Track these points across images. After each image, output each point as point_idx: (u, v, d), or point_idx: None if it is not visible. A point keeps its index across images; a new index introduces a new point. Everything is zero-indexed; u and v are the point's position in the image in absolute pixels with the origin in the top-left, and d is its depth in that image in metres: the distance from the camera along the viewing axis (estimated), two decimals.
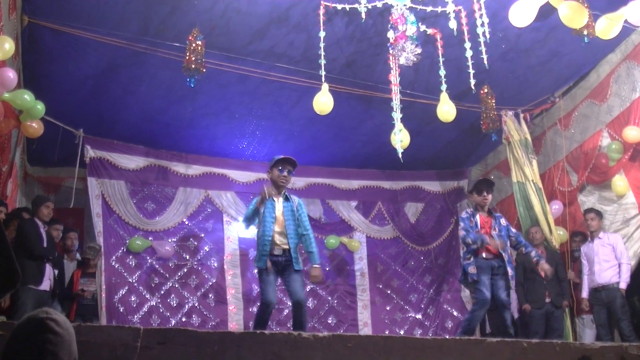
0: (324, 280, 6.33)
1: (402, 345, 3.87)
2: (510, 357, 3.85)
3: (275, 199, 6.18)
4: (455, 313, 10.54)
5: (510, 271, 6.63)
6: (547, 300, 8.09)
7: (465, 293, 10.56)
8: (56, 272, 7.80)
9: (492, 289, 6.55)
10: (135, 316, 8.83)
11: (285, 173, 6.22)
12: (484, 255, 6.59)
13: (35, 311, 2.04)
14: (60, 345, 1.96)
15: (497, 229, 6.74)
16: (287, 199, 6.25)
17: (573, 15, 6.17)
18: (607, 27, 6.45)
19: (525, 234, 8.59)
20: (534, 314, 8.14)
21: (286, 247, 6.03)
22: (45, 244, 7.28)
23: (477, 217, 6.77)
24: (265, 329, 5.82)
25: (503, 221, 6.93)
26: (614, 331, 7.72)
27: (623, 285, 7.48)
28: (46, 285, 7.27)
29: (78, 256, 8.59)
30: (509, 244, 6.81)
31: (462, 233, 6.78)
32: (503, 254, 6.63)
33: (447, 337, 5.66)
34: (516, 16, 6.24)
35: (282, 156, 6.28)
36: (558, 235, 8.42)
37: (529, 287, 8.32)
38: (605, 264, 7.61)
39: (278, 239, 6.04)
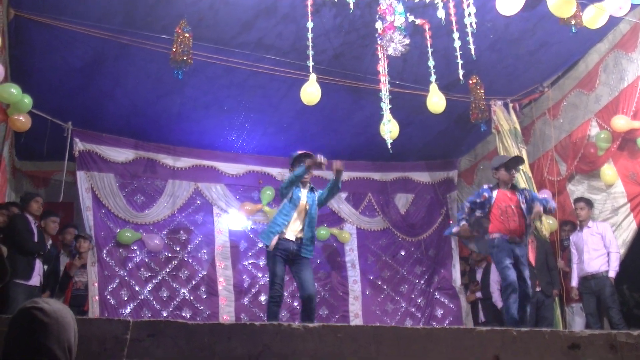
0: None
1: (392, 335, 3.84)
2: (500, 345, 3.82)
3: (302, 189, 6.40)
4: (446, 302, 10.54)
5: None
6: (537, 289, 8.06)
7: (457, 283, 10.58)
8: (46, 267, 7.77)
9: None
10: (127, 309, 8.79)
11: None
12: (507, 237, 6.44)
13: (25, 302, 2.07)
14: (47, 334, 1.99)
15: (524, 203, 6.60)
16: (312, 190, 6.49)
17: (561, 4, 6.15)
18: (595, 16, 6.43)
19: None
20: None
21: (300, 235, 6.19)
22: (36, 239, 7.26)
23: (495, 192, 6.65)
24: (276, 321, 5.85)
25: (528, 193, 6.79)
26: (604, 319, 7.74)
27: (612, 274, 7.51)
28: (36, 280, 7.23)
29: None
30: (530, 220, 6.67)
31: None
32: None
33: (438, 326, 5.64)
34: (503, 4, 6.22)
35: (303, 151, 6.44)
36: (548, 224, 8.40)
37: None
38: (595, 252, 7.64)
39: (293, 226, 6.24)
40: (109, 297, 8.71)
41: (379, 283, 10.50)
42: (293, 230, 6.29)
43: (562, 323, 8.11)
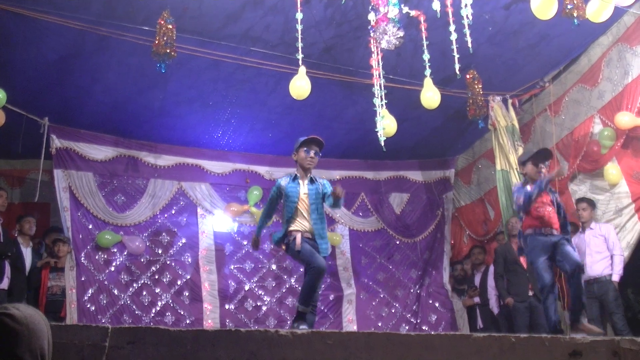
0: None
1: (385, 341, 3.68)
2: (498, 352, 3.67)
3: (300, 181, 5.97)
4: (438, 305, 10.37)
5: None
6: (530, 293, 7.97)
7: (447, 287, 10.36)
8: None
9: (561, 259, 5.81)
10: (106, 315, 8.54)
11: (312, 154, 5.99)
12: (543, 230, 5.94)
13: None
14: (18, 341, 1.93)
15: (555, 207, 6.15)
16: (312, 181, 6.01)
17: (541, 5, 6.07)
18: (599, 9, 6.28)
19: (505, 224, 8.46)
20: (517, 307, 8.02)
21: (309, 235, 5.72)
22: (1, 239, 6.97)
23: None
24: (317, 294, 5.77)
25: (558, 197, 6.37)
26: (607, 325, 7.59)
27: (616, 278, 7.40)
28: (5, 284, 6.97)
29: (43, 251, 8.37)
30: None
31: (519, 199, 6.10)
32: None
33: (432, 332, 5.40)
34: None
35: (307, 137, 6.06)
36: None
37: (511, 279, 8.21)
38: (597, 255, 7.52)
39: (300, 223, 5.76)
40: (87, 303, 8.46)
41: (374, 286, 10.32)
42: (300, 229, 5.76)
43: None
